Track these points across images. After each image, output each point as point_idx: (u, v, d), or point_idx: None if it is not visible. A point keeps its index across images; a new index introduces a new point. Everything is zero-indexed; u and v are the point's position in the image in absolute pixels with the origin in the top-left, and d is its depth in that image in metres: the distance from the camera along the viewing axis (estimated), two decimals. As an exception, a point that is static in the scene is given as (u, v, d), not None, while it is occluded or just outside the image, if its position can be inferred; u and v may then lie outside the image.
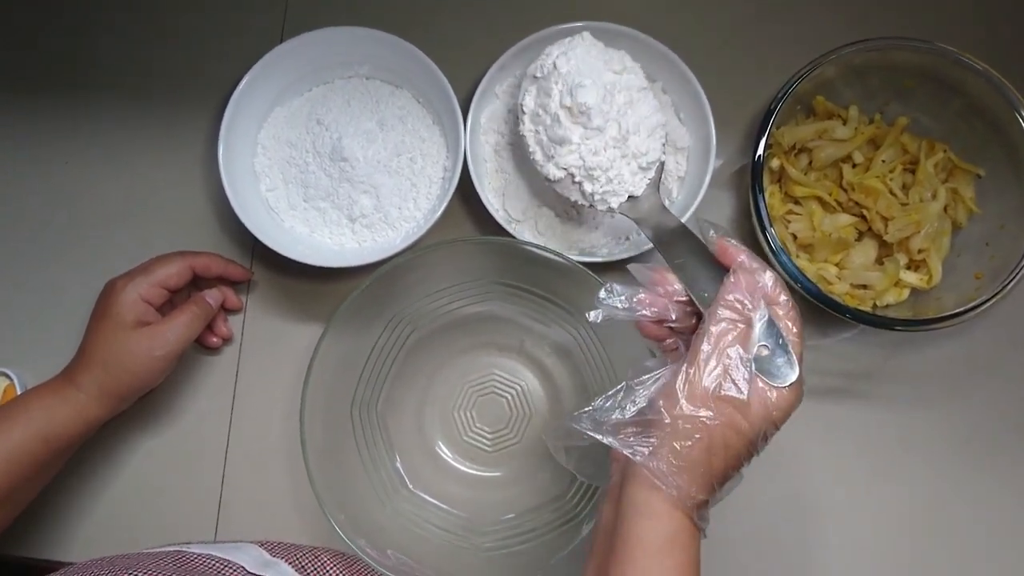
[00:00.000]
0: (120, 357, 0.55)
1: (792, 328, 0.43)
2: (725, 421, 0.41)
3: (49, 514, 0.62)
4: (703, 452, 0.41)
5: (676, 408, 0.41)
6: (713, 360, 0.41)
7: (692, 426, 0.41)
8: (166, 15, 0.69)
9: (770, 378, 0.42)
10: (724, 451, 0.41)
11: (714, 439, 0.41)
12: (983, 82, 0.57)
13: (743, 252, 0.44)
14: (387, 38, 0.60)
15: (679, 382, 0.41)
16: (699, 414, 0.41)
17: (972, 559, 0.60)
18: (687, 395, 0.41)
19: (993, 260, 0.58)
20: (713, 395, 0.41)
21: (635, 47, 0.61)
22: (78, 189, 0.67)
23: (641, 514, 0.41)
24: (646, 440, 0.41)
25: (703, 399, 0.41)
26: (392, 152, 0.61)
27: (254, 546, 0.53)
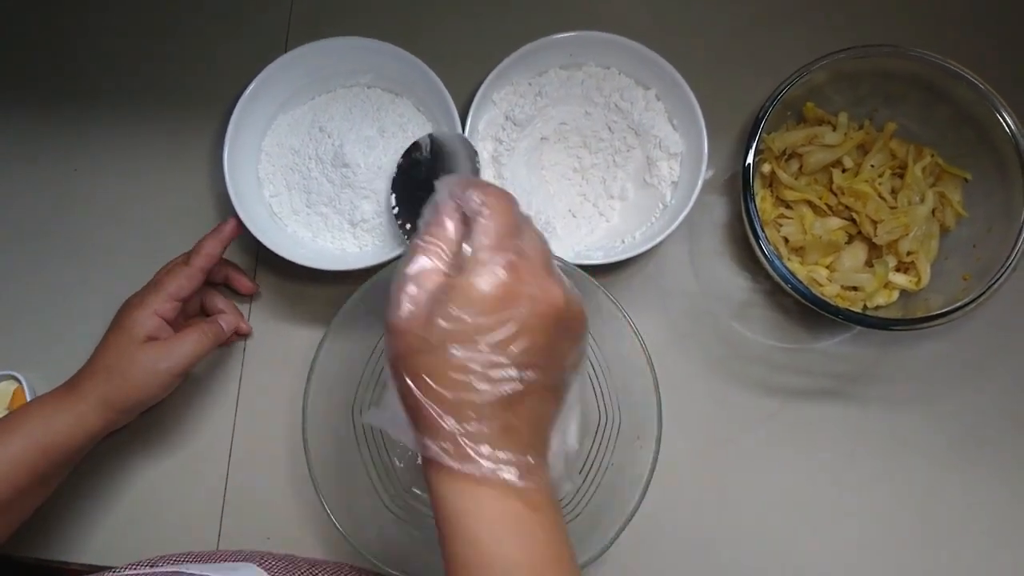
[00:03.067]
0: (126, 369, 0.54)
1: (475, 206, 0.37)
2: (408, 346, 0.35)
3: (55, 517, 0.62)
4: (413, 389, 0.35)
5: (388, 366, 0.36)
6: (394, 291, 0.36)
7: (393, 370, 0.36)
8: (172, 26, 0.70)
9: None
10: (437, 376, 0.35)
11: (413, 370, 0.35)
12: (968, 88, 0.58)
13: (440, 187, 0.39)
14: (388, 48, 0.62)
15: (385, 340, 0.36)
16: (388, 355, 0.36)
17: (966, 557, 0.61)
18: (386, 345, 0.36)
19: (980, 262, 0.59)
20: (391, 326, 0.36)
21: (628, 55, 0.62)
22: (86, 195, 0.68)
23: (433, 497, 0.36)
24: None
25: (388, 338, 0.36)
26: (392, 158, 0.62)
27: (251, 566, 0.52)
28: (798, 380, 0.64)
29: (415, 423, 0.36)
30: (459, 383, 0.35)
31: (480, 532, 0.34)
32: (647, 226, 0.63)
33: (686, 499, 0.62)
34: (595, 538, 0.55)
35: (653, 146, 0.63)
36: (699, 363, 0.64)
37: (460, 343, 0.35)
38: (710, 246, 0.66)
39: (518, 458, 0.35)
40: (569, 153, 0.65)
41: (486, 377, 0.35)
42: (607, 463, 0.59)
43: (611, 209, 0.64)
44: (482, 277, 0.35)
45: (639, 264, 0.65)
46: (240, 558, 0.55)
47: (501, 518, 0.35)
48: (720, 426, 0.63)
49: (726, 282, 0.65)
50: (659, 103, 0.63)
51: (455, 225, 0.38)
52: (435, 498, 0.36)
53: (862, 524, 0.62)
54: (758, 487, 0.62)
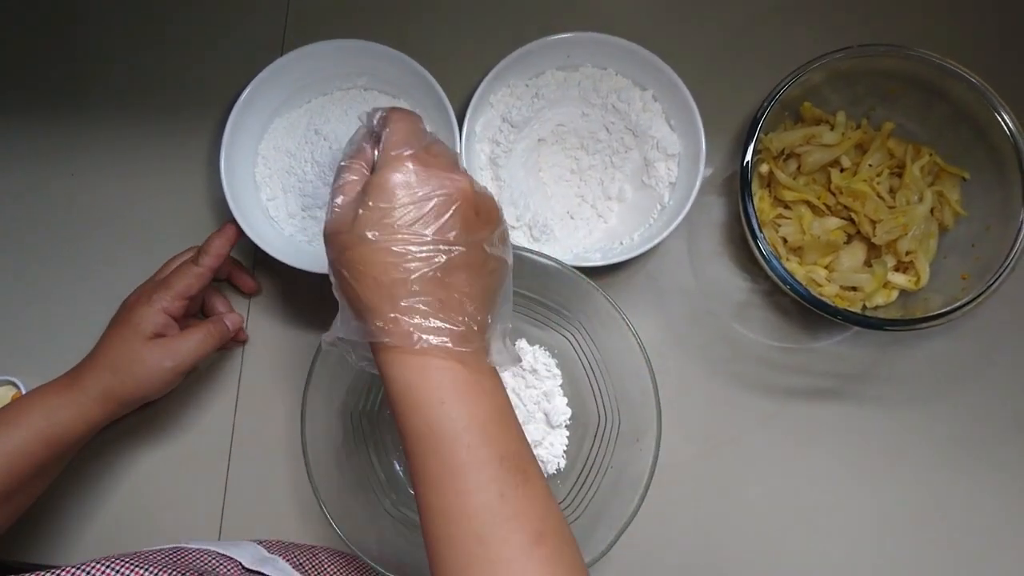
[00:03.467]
0: (130, 364, 0.55)
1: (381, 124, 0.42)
2: (342, 243, 0.39)
3: (54, 518, 0.62)
4: (350, 280, 0.39)
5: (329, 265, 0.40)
6: (328, 206, 0.41)
7: (333, 269, 0.40)
8: (168, 29, 0.70)
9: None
10: (367, 262, 0.38)
11: (349, 264, 0.39)
12: (966, 87, 0.58)
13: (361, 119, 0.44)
14: (384, 50, 0.62)
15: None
16: (328, 258, 0.40)
17: (965, 556, 0.61)
18: (327, 254, 0.40)
19: (979, 261, 0.59)
20: (326, 232, 0.40)
21: (625, 56, 0.62)
22: (84, 200, 0.68)
23: (384, 381, 0.39)
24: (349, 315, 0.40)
25: (327, 245, 0.40)
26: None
27: (252, 543, 0.53)
28: (797, 380, 0.64)
29: (357, 313, 0.39)
30: (387, 264, 0.38)
31: (427, 399, 0.37)
32: (645, 227, 0.63)
33: (686, 500, 0.62)
34: (596, 540, 0.55)
35: (651, 147, 0.63)
36: (698, 364, 0.64)
37: (382, 230, 0.38)
38: (708, 247, 0.66)
39: (452, 326, 0.38)
40: (567, 155, 0.65)
41: (410, 255, 0.38)
42: (607, 465, 0.59)
43: (609, 210, 0.64)
44: (391, 167, 0.39)
45: (637, 265, 0.65)
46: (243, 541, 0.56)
47: (443, 384, 0.37)
48: (719, 426, 0.63)
49: (725, 283, 0.65)
50: (656, 104, 0.63)
51: (370, 145, 0.42)
52: (386, 381, 0.38)
53: (862, 523, 0.62)
54: (758, 487, 0.62)
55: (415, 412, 0.37)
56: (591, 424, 0.62)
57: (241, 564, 0.47)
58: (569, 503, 0.60)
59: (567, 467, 0.61)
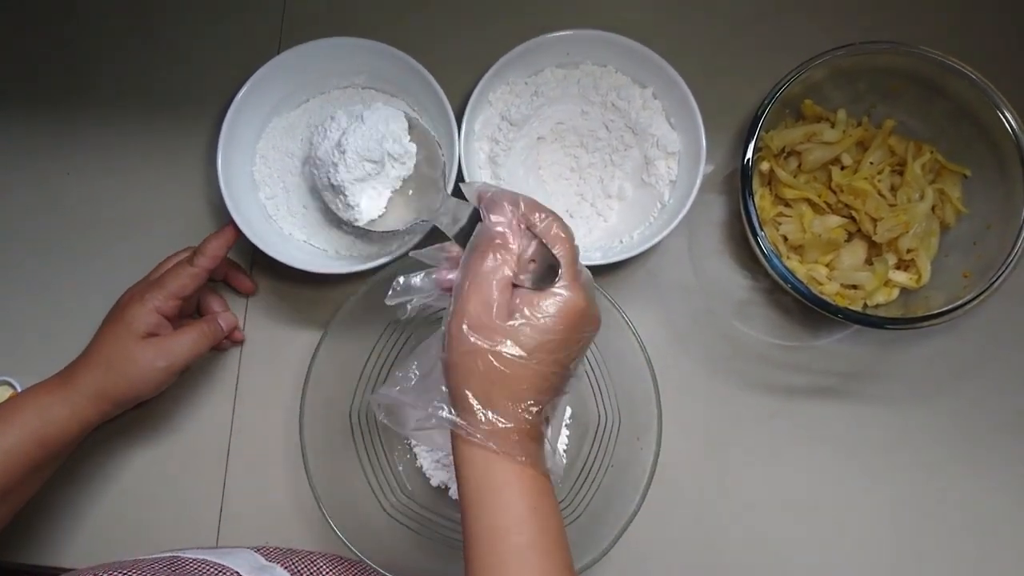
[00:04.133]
0: (123, 364, 0.55)
1: (551, 233, 0.42)
2: (486, 346, 0.39)
3: (50, 520, 0.62)
4: (481, 385, 0.39)
5: (447, 350, 0.40)
6: (465, 295, 0.40)
7: (462, 363, 0.40)
8: (165, 28, 0.70)
9: (542, 288, 0.40)
10: (503, 378, 0.39)
11: (487, 369, 0.39)
12: (967, 85, 0.58)
13: (491, 190, 0.44)
14: (382, 49, 0.61)
15: (443, 326, 0.41)
16: (463, 349, 0.39)
17: (965, 554, 0.61)
18: (450, 336, 0.40)
19: (980, 259, 0.59)
20: (471, 328, 0.39)
21: (625, 53, 0.62)
22: (80, 200, 0.68)
23: (458, 465, 0.40)
24: (438, 393, 0.41)
25: (461, 336, 0.40)
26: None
27: (250, 551, 0.53)
28: (798, 378, 0.64)
29: (473, 411, 0.40)
30: (525, 387, 0.40)
31: (512, 504, 0.39)
32: (645, 225, 0.62)
33: (687, 498, 0.62)
34: (597, 539, 0.55)
35: (651, 145, 0.62)
36: (699, 362, 0.64)
37: (539, 354, 0.40)
38: (709, 245, 0.66)
39: (544, 451, 0.41)
40: (566, 153, 0.65)
41: (548, 385, 0.40)
42: (607, 463, 0.59)
43: (609, 209, 0.64)
44: (571, 300, 0.40)
45: (638, 264, 0.65)
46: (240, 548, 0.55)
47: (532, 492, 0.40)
48: (720, 425, 0.63)
49: (725, 281, 0.65)
50: (656, 102, 0.63)
51: (522, 240, 0.42)
52: (467, 469, 0.40)
53: (863, 521, 0.62)
54: (759, 485, 0.62)
55: (498, 511, 0.39)
56: (591, 423, 0.62)
57: (239, 574, 0.47)
58: (570, 502, 0.60)
59: (567, 466, 0.61)
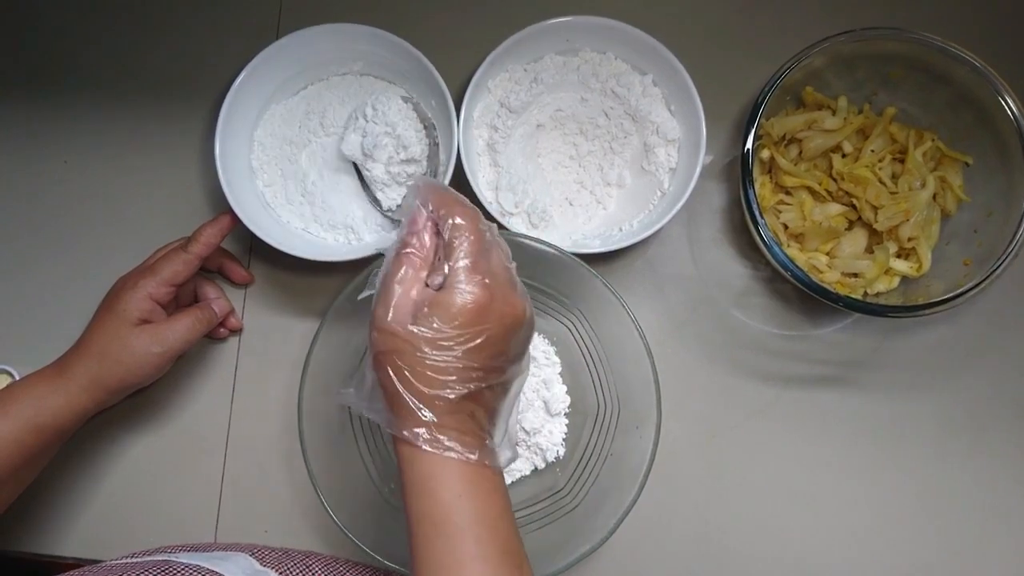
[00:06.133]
0: (117, 351, 0.55)
1: (451, 225, 0.43)
2: (393, 345, 0.41)
3: (47, 510, 0.62)
4: (392, 382, 0.41)
5: (371, 358, 0.42)
6: (377, 297, 0.43)
7: (376, 363, 0.42)
8: (161, 14, 0.69)
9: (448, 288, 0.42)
10: (410, 374, 0.41)
11: (394, 367, 0.41)
12: (969, 71, 0.57)
13: (420, 183, 0.45)
14: (381, 35, 0.61)
15: (368, 331, 0.43)
16: (375, 350, 0.42)
17: (967, 542, 0.61)
18: (369, 340, 0.42)
19: (981, 247, 0.58)
20: (379, 329, 0.42)
21: (625, 40, 0.61)
22: (77, 187, 0.67)
23: (398, 465, 0.42)
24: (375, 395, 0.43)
25: (371, 339, 0.42)
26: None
27: (244, 555, 0.53)
28: (798, 367, 0.64)
29: (392, 409, 0.42)
30: (435, 381, 0.41)
31: (442, 490, 0.41)
32: (645, 213, 0.62)
33: (686, 487, 0.62)
34: (595, 527, 0.55)
35: (650, 132, 0.62)
36: (698, 351, 0.64)
37: (439, 349, 0.41)
38: (709, 233, 0.65)
39: (477, 441, 0.42)
40: (565, 140, 0.64)
41: (458, 378, 0.41)
42: (606, 452, 0.59)
43: (608, 196, 0.64)
44: (461, 296, 0.42)
45: (637, 252, 0.65)
46: (234, 549, 0.55)
47: (461, 479, 0.41)
48: (719, 414, 0.63)
49: (725, 269, 0.65)
50: (656, 89, 0.63)
51: (431, 238, 0.44)
52: (403, 462, 0.42)
53: (862, 510, 0.62)
54: (758, 474, 0.62)
55: (430, 499, 0.41)
56: (590, 412, 0.61)
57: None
58: (568, 491, 0.60)
59: (566, 455, 0.61)
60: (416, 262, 0.43)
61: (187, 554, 0.51)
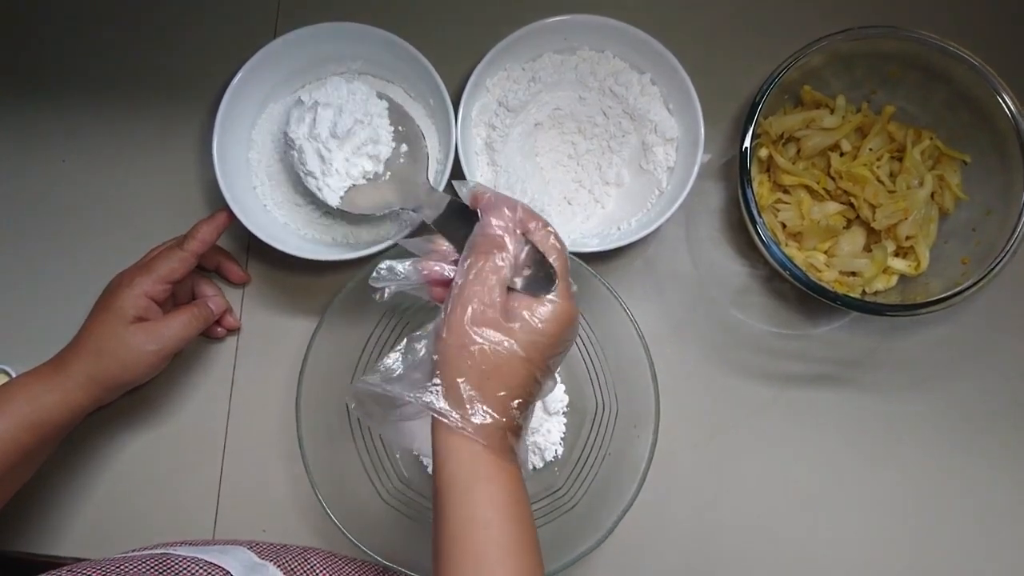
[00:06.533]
0: (114, 348, 0.55)
1: (548, 243, 0.45)
2: (489, 345, 0.42)
3: (46, 509, 0.62)
4: (476, 379, 0.42)
5: (441, 344, 0.43)
6: (466, 290, 0.43)
7: (458, 357, 0.42)
8: (160, 12, 0.69)
9: (536, 293, 0.44)
10: (498, 373, 0.42)
11: (483, 364, 0.42)
12: (967, 69, 0.57)
13: (489, 193, 0.46)
14: (379, 33, 0.61)
15: (440, 320, 0.43)
16: (461, 343, 0.42)
17: (965, 541, 0.61)
18: (447, 329, 0.43)
19: (979, 245, 0.58)
20: (471, 323, 0.42)
21: (623, 39, 0.61)
22: (75, 186, 0.67)
23: (441, 458, 0.42)
24: (429, 383, 0.43)
25: (461, 330, 0.42)
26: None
27: (243, 548, 0.53)
28: (796, 366, 0.64)
29: (463, 402, 0.42)
30: (519, 383, 0.43)
31: (492, 496, 0.41)
32: (643, 212, 0.62)
33: (684, 486, 0.62)
34: (594, 527, 0.55)
35: (649, 131, 0.62)
36: (696, 350, 0.64)
37: (533, 353, 0.43)
38: (707, 232, 0.65)
39: (520, 444, 0.44)
40: (564, 139, 0.64)
41: (535, 382, 0.43)
42: (605, 451, 0.59)
43: (606, 195, 0.64)
44: (565, 311, 0.44)
45: (635, 251, 0.65)
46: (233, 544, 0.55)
47: (506, 490, 0.42)
48: (717, 413, 0.63)
49: (723, 268, 0.65)
50: (654, 87, 0.63)
51: (518, 245, 0.45)
52: (447, 457, 0.42)
53: (860, 509, 0.62)
54: (756, 473, 0.62)
55: (477, 503, 0.41)
56: (589, 411, 0.61)
57: (230, 573, 0.46)
58: (567, 490, 0.60)
59: (565, 454, 0.61)
60: (509, 261, 0.44)
61: (185, 548, 0.51)
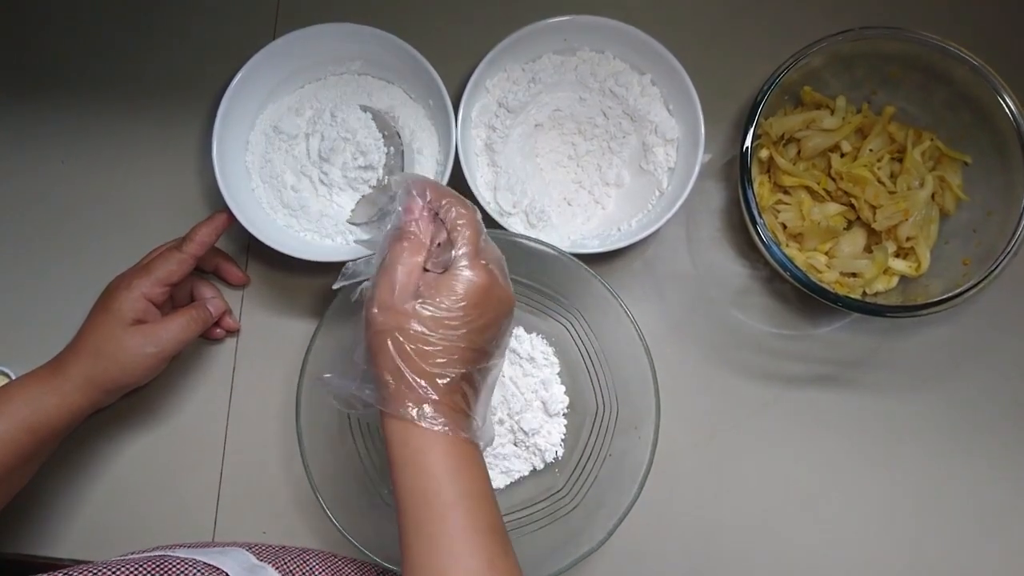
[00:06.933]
0: (113, 351, 0.55)
1: (451, 216, 0.45)
2: (397, 323, 0.42)
3: (45, 511, 0.62)
4: (391, 360, 0.42)
5: (367, 336, 0.44)
6: (377, 285, 0.44)
7: (375, 341, 0.43)
8: (159, 13, 0.69)
9: (446, 267, 0.44)
10: (410, 352, 0.42)
11: (395, 345, 0.42)
12: (968, 71, 0.57)
13: (405, 182, 0.47)
14: (378, 34, 0.61)
15: (365, 309, 0.44)
16: (374, 329, 0.43)
17: (965, 542, 0.61)
18: (365, 318, 0.44)
19: (980, 246, 0.58)
20: (381, 312, 0.43)
21: (623, 39, 0.61)
22: (74, 188, 0.67)
23: (386, 442, 0.43)
24: (366, 382, 0.44)
25: (375, 321, 0.43)
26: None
27: (241, 550, 0.53)
28: (797, 367, 0.64)
29: (388, 387, 0.43)
30: (436, 360, 0.43)
31: (433, 466, 0.42)
32: (643, 213, 0.62)
33: (684, 487, 0.62)
34: (594, 528, 0.55)
35: (649, 132, 0.62)
36: (697, 351, 0.64)
37: (444, 328, 0.43)
38: (707, 233, 0.65)
39: (466, 420, 0.44)
40: (564, 140, 0.64)
41: (459, 358, 0.43)
42: (605, 453, 0.59)
43: (607, 196, 0.64)
44: (467, 279, 0.44)
45: (635, 252, 0.65)
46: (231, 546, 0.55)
47: (450, 456, 0.42)
48: (718, 414, 0.63)
49: (724, 269, 0.65)
50: (655, 88, 0.63)
51: (428, 225, 0.46)
52: (393, 440, 0.43)
53: (861, 510, 0.61)
54: (757, 473, 0.62)
55: (423, 474, 0.42)
56: (589, 412, 0.61)
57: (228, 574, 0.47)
58: (567, 492, 0.59)
59: (565, 456, 0.61)
60: (416, 246, 0.45)
61: (184, 550, 0.50)
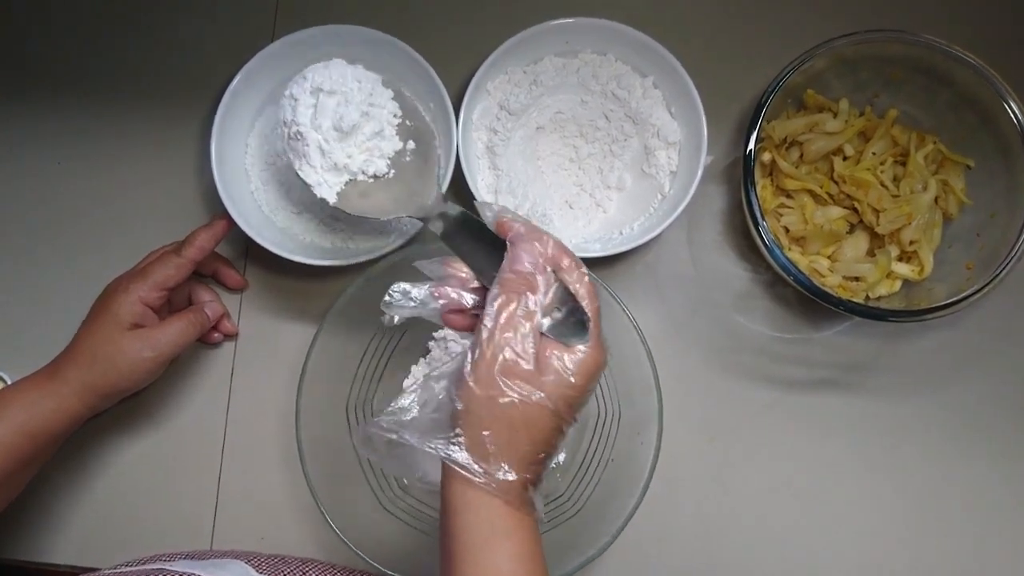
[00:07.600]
0: (110, 355, 0.54)
1: (583, 284, 0.42)
2: (520, 399, 0.39)
3: (42, 517, 0.61)
4: (504, 433, 0.39)
5: (467, 393, 0.40)
6: (497, 336, 0.40)
7: (486, 409, 0.39)
8: (157, 15, 0.69)
9: (566, 340, 0.41)
10: (527, 427, 0.39)
11: (512, 418, 0.39)
12: (971, 73, 0.57)
13: (519, 223, 0.43)
14: (379, 37, 0.60)
15: (467, 366, 0.40)
16: (490, 394, 0.39)
17: (965, 547, 0.61)
18: (475, 378, 0.40)
19: (984, 250, 0.58)
20: (502, 373, 0.39)
21: (625, 42, 0.61)
22: (71, 190, 0.66)
23: (457, 510, 0.40)
24: (448, 432, 0.40)
25: (491, 380, 0.39)
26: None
27: (240, 562, 0.52)
28: (799, 371, 0.63)
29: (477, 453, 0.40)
30: (547, 437, 0.40)
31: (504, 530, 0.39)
32: (645, 217, 0.62)
33: (687, 491, 0.61)
34: (597, 533, 0.55)
35: (651, 135, 0.62)
36: (699, 355, 0.63)
37: (564, 406, 0.40)
38: (710, 237, 0.65)
39: (538, 500, 0.41)
40: (565, 143, 0.64)
41: (563, 436, 0.41)
42: (607, 457, 0.59)
43: (608, 200, 0.63)
44: (596, 363, 0.41)
45: (637, 255, 0.64)
46: (230, 556, 0.55)
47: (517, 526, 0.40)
48: (720, 417, 0.62)
49: (726, 273, 0.64)
50: (657, 91, 0.62)
51: (543, 279, 0.41)
52: (458, 503, 0.40)
53: (863, 514, 0.61)
54: (759, 477, 0.62)
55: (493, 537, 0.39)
56: (591, 417, 0.61)
57: None
58: (569, 497, 0.59)
59: (567, 460, 0.61)
60: (540, 303, 0.41)
61: (182, 562, 0.50)
